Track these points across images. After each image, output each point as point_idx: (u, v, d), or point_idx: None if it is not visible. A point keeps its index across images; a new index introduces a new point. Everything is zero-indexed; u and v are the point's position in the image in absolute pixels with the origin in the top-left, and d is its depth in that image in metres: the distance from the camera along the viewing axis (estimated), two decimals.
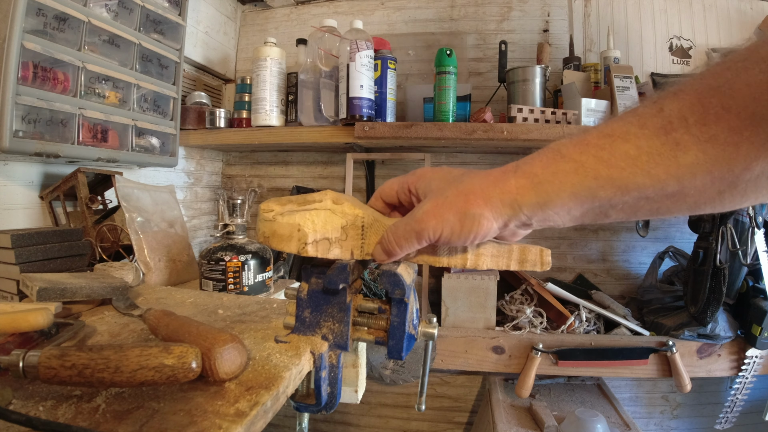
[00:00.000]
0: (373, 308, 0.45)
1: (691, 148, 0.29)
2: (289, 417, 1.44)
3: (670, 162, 0.30)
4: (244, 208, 0.97)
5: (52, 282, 0.60)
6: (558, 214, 0.34)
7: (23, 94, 0.76)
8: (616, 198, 0.32)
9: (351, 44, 1.12)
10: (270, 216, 0.42)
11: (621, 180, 0.31)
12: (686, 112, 0.29)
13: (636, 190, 0.31)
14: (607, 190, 0.32)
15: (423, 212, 0.38)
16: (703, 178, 0.30)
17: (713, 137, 0.28)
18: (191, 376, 0.35)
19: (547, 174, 0.33)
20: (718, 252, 1.03)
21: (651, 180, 0.30)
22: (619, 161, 0.31)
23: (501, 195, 0.35)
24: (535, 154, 0.35)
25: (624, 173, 0.31)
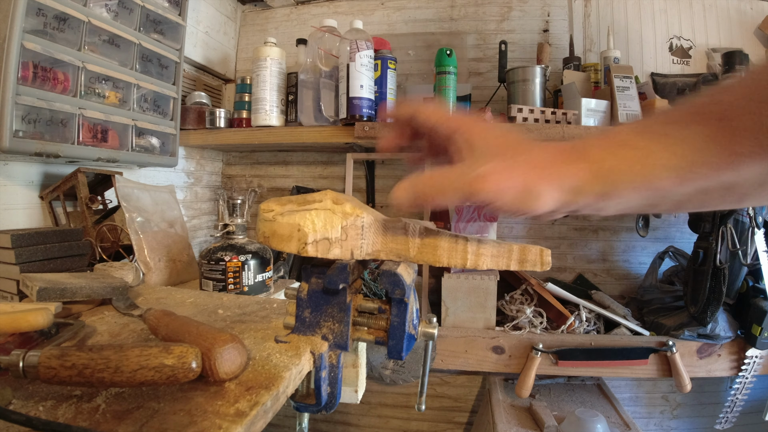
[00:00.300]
0: (373, 308, 0.45)
1: (745, 134, 0.29)
2: (289, 417, 1.44)
3: (728, 151, 0.29)
4: (244, 208, 0.97)
5: (52, 282, 0.60)
6: (613, 204, 0.33)
7: (23, 94, 0.76)
8: (675, 189, 0.31)
9: (351, 44, 1.12)
10: (270, 216, 0.41)
11: (683, 170, 0.30)
12: (740, 101, 0.29)
13: (694, 182, 0.31)
14: (669, 180, 0.31)
15: (483, 171, 0.32)
16: (758, 167, 0.29)
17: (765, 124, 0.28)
18: (191, 376, 0.35)
19: (613, 161, 0.31)
20: (718, 252, 1.03)
21: (710, 169, 0.30)
22: (683, 149, 0.30)
23: (566, 178, 0.32)
24: (593, 139, 0.33)
25: (685, 162, 0.30)
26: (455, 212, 1.14)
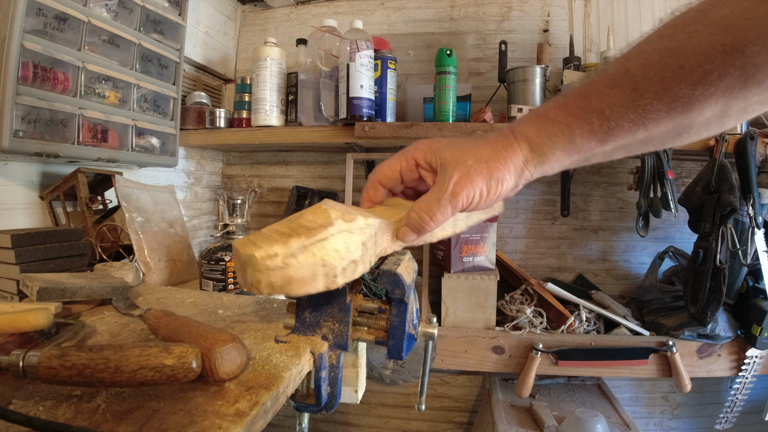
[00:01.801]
0: (373, 308, 0.45)
1: (655, 101, 0.35)
2: (289, 417, 1.44)
3: (639, 115, 0.36)
4: (244, 208, 0.97)
5: (52, 282, 0.60)
6: (552, 167, 0.41)
7: (23, 94, 0.76)
8: (598, 148, 0.39)
9: (351, 44, 1.12)
10: (278, 262, 0.33)
11: (600, 134, 0.37)
12: (649, 72, 0.34)
13: (613, 141, 0.38)
14: (590, 143, 0.38)
15: (454, 183, 0.40)
16: (665, 125, 0.36)
17: (673, 92, 0.34)
18: (191, 376, 0.35)
19: (542, 138, 0.40)
20: (718, 252, 1.03)
21: (624, 131, 0.37)
22: (597, 119, 0.37)
23: (514, 160, 0.40)
24: (526, 119, 0.41)
25: (602, 129, 0.37)
26: None
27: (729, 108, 0.35)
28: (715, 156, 1.09)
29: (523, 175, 0.41)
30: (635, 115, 0.35)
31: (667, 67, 0.34)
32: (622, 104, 0.36)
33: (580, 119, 0.38)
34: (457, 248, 1.17)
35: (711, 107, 0.34)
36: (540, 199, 1.45)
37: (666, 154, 1.11)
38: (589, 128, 0.37)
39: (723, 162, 1.06)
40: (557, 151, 0.39)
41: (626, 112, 0.36)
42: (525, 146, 0.40)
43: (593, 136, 0.38)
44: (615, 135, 0.37)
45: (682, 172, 1.41)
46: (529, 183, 0.43)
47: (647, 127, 0.36)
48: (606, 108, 0.36)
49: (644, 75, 0.34)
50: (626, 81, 0.35)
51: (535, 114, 0.41)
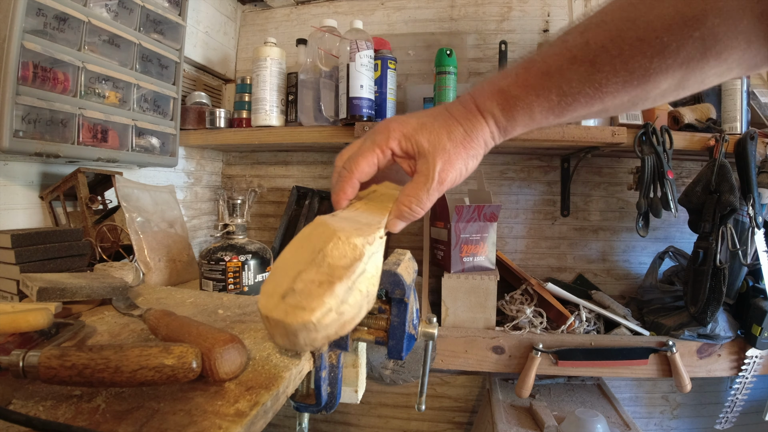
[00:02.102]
0: (373, 308, 0.45)
1: (612, 75, 0.35)
2: (289, 417, 1.44)
3: (595, 91, 0.36)
4: (244, 208, 0.97)
5: (52, 282, 0.60)
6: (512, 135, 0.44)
7: (23, 94, 0.76)
8: (554, 121, 0.41)
9: (351, 44, 1.12)
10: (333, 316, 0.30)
11: (558, 110, 0.39)
12: (608, 44, 0.35)
13: (569, 114, 0.39)
14: (548, 118, 0.40)
15: (439, 171, 0.42)
16: (621, 98, 0.37)
17: (630, 65, 0.34)
18: (191, 376, 0.35)
19: (507, 117, 0.41)
20: (718, 252, 1.03)
21: (581, 106, 0.38)
22: (556, 96, 0.38)
23: (484, 137, 0.43)
24: (488, 93, 0.42)
25: (560, 105, 0.38)
26: (455, 212, 1.14)
27: (686, 80, 0.35)
28: (715, 156, 1.09)
29: (488, 147, 0.44)
30: (592, 90, 0.36)
31: (625, 40, 0.33)
32: (580, 79, 0.36)
33: (540, 97, 0.39)
34: (457, 248, 1.17)
35: (668, 79, 0.34)
36: (540, 199, 1.45)
37: (666, 155, 1.11)
38: (548, 105, 0.39)
39: (723, 162, 1.06)
40: (518, 127, 0.42)
41: (583, 87, 0.36)
42: (492, 123, 0.42)
43: (551, 113, 0.39)
44: (572, 109, 0.38)
45: (682, 172, 1.41)
46: (529, 183, 0.45)
47: (603, 100, 0.37)
48: (565, 84, 0.37)
49: (603, 48, 0.35)
50: (586, 54, 0.36)
51: (497, 89, 0.41)
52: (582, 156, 1.31)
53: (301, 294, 0.30)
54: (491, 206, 1.17)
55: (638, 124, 1.14)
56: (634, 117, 1.16)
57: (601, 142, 1.12)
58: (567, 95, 0.37)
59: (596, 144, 1.16)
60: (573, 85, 0.37)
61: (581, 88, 0.36)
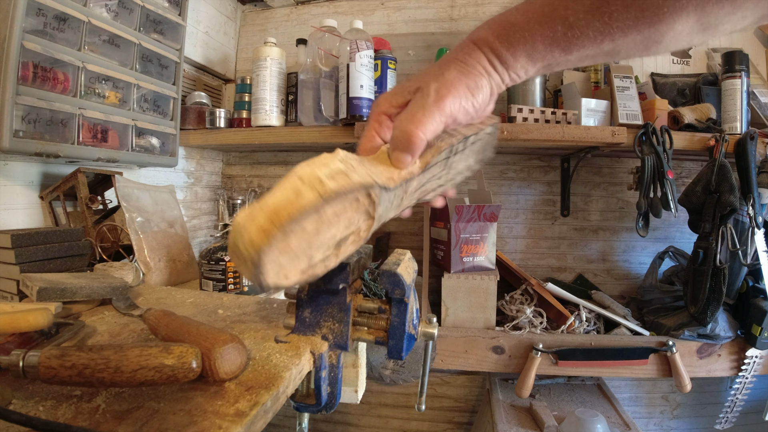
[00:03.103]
0: (373, 308, 0.45)
1: (622, 11, 0.34)
2: (289, 417, 1.44)
3: (605, 25, 0.34)
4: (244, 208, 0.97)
5: (52, 282, 0.60)
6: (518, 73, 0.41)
7: (23, 94, 0.76)
8: (561, 57, 0.38)
9: (351, 44, 1.12)
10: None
11: (564, 43, 0.37)
12: None
13: (577, 51, 0.37)
14: (553, 51, 0.38)
15: (435, 90, 0.38)
16: (633, 38, 0.35)
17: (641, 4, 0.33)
18: (191, 376, 0.35)
19: (503, 43, 0.39)
20: (718, 252, 1.03)
21: (589, 41, 0.36)
22: (561, 26, 0.36)
23: (482, 63, 0.40)
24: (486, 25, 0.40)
25: (565, 37, 0.36)
26: (455, 212, 1.14)
27: (700, 24, 0.33)
28: (715, 156, 1.09)
29: (494, 79, 0.40)
30: (601, 24, 0.34)
31: None
32: (588, 11, 0.34)
33: (542, 25, 0.37)
34: (457, 248, 1.17)
35: (682, 21, 0.33)
36: (540, 199, 1.45)
37: (666, 154, 1.11)
38: (552, 35, 0.36)
39: (723, 162, 1.06)
40: (520, 57, 0.39)
41: (591, 20, 0.35)
42: (488, 51, 0.39)
43: (556, 45, 0.37)
44: (579, 44, 0.36)
45: (682, 172, 1.41)
46: (529, 183, 0.43)
47: (614, 37, 0.35)
48: (570, 15, 0.35)
49: None
50: None
51: (495, 21, 0.40)
52: (582, 156, 1.31)
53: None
54: (491, 206, 1.17)
55: (638, 124, 1.14)
56: (634, 117, 1.16)
57: (601, 142, 1.12)
58: (573, 27, 0.35)
59: (596, 144, 1.16)
60: (580, 17, 0.35)
61: (589, 21, 0.35)
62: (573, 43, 0.36)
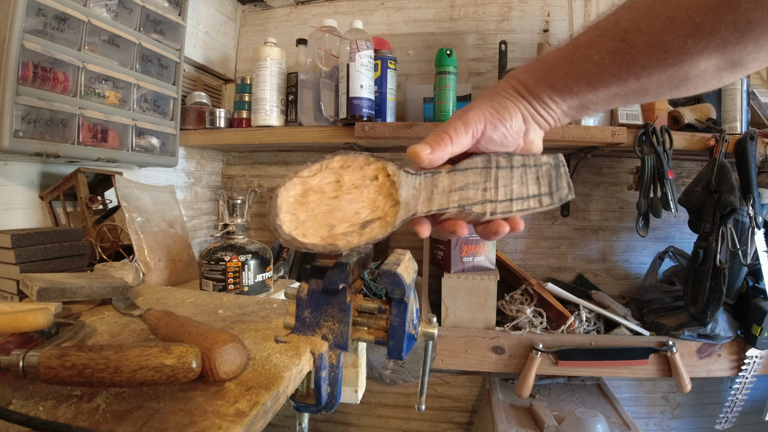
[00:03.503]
0: (373, 308, 0.45)
1: (644, 51, 0.35)
2: (289, 417, 1.44)
3: (628, 63, 0.36)
4: (244, 208, 0.97)
5: (52, 282, 0.60)
6: (548, 102, 0.41)
7: (23, 94, 0.76)
8: (590, 93, 0.39)
9: (351, 44, 1.12)
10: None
11: (588, 77, 0.38)
12: (639, 22, 0.35)
13: (604, 88, 0.38)
14: (580, 85, 0.39)
15: (458, 111, 0.42)
16: (658, 76, 0.36)
17: (663, 44, 0.34)
18: (191, 376, 0.35)
19: (529, 74, 0.41)
20: (718, 252, 1.03)
21: (614, 79, 0.37)
22: (585, 63, 0.38)
23: (507, 90, 0.42)
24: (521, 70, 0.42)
25: (590, 73, 0.38)
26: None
27: (726, 63, 0.34)
28: (715, 156, 1.09)
29: (521, 104, 0.41)
30: (624, 63, 0.36)
31: (657, 18, 0.34)
32: (611, 52, 0.36)
33: (567, 60, 0.39)
34: (457, 248, 1.17)
35: (704, 60, 0.34)
36: None
37: (666, 154, 1.11)
38: (576, 70, 0.38)
39: (723, 162, 1.06)
40: (544, 86, 0.40)
41: (614, 58, 0.36)
42: (513, 80, 0.42)
43: (582, 80, 0.38)
44: (605, 81, 0.37)
45: (682, 172, 1.41)
46: None
47: (638, 76, 0.36)
48: (594, 54, 0.37)
49: (635, 25, 0.35)
50: (616, 31, 0.36)
51: (526, 63, 0.43)
52: (582, 156, 1.31)
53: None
54: None
55: (638, 124, 1.14)
56: (634, 117, 1.16)
57: (601, 142, 1.12)
58: (598, 65, 0.37)
59: (596, 144, 1.16)
60: (603, 56, 0.36)
61: (612, 60, 0.36)
62: (599, 79, 0.38)
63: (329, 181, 0.38)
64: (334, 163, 0.38)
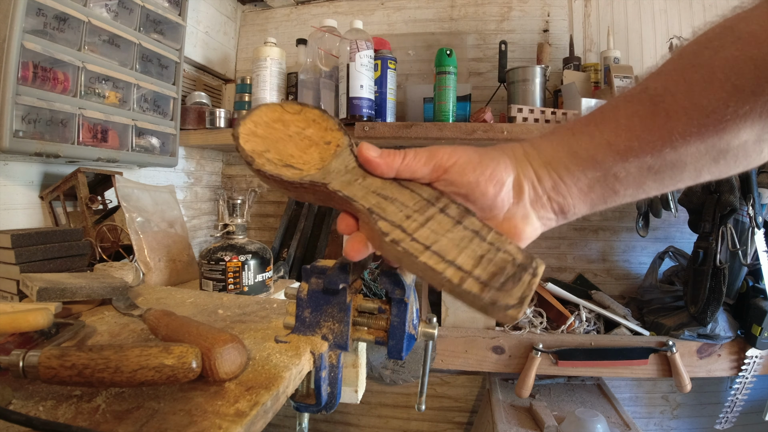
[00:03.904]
0: (373, 308, 0.45)
1: (681, 116, 0.30)
2: (289, 417, 1.44)
3: (662, 129, 0.31)
4: (244, 208, 0.97)
5: (52, 282, 0.60)
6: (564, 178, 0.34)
7: (23, 94, 0.76)
8: (617, 165, 0.32)
9: (351, 44, 1.12)
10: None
11: (616, 144, 0.32)
12: (671, 87, 0.31)
13: (634, 157, 0.32)
14: (604, 152, 0.32)
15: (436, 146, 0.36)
16: (696, 146, 0.31)
17: (701, 107, 0.30)
18: (191, 376, 0.35)
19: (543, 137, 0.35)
20: (718, 252, 1.03)
21: (646, 145, 0.31)
22: (612, 127, 0.32)
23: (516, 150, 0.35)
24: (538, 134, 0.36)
25: (618, 138, 0.32)
26: None
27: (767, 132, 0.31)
28: None
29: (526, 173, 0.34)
30: (658, 128, 0.31)
31: (692, 81, 0.30)
32: (641, 115, 0.31)
33: (589, 124, 0.33)
34: None
35: (747, 129, 0.30)
36: None
37: None
38: (600, 134, 0.32)
39: None
40: (563, 152, 0.33)
41: (647, 123, 0.31)
42: (526, 143, 0.36)
43: (608, 146, 0.32)
44: (636, 150, 0.32)
45: None
46: None
47: (674, 144, 0.31)
48: (622, 117, 0.32)
49: (666, 89, 0.31)
50: (645, 96, 0.32)
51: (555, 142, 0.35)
52: None
53: None
54: None
55: None
56: None
57: None
58: (627, 130, 0.32)
59: None
60: (633, 120, 0.31)
61: (644, 124, 0.31)
62: (629, 146, 0.32)
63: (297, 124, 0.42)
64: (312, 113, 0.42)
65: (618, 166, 0.32)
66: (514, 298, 0.30)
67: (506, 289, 0.30)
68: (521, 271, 0.32)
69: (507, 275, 0.31)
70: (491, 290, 0.30)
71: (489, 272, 0.31)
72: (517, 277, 0.31)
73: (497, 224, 0.35)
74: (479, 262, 0.32)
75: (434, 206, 0.35)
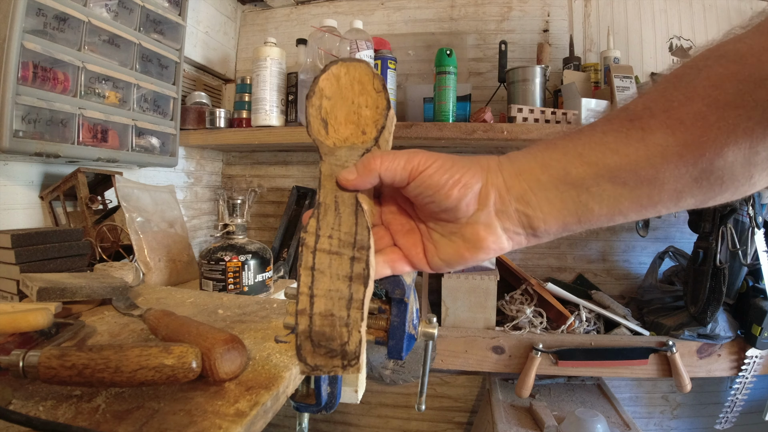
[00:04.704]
0: (373, 308, 0.45)
1: (658, 130, 0.29)
2: (289, 417, 1.44)
3: (638, 143, 0.30)
4: (244, 208, 0.97)
5: (52, 282, 0.60)
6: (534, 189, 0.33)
7: (23, 94, 0.76)
8: (590, 178, 0.31)
9: (351, 44, 1.12)
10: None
11: (588, 155, 0.31)
12: (650, 104, 0.30)
13: (606, 170, 0.31)
14: (576, 164, 0.32)
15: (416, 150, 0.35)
16: (676, 163, 0.30)
17: (679, 120, 0.29)
18: (191, 376, 0.35)
19: (516, 153, 0.35)
20: (718, 252, 1.03)
21: (622, 159, 0.30)
22: (588, 141, 0.32)
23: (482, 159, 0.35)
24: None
25: (591, 151, 0.31)
26: None
27: (755, 154, 0.29)
28: None
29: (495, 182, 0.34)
30: (634, 142, 0.30)
31: (671, 99, 0.30)
32: (617, 130, 0.31)
33: (565, 138, 0.33)
34: None
35: (731, 147, 0.29)
36: None
37: None
38: (573, 147, 0.32)
39: None
40: (535, 164, 0.33)
41: (620, 138, 0.31)
42: (500, 155, 0.35)
43: (580, 158, 0.32)
44: (609, 163, 0.31)
45: None
46: None
47: (650, 158, 0.30)
48: (598, 133, 0.32)
49: (645, 107, 0.30)
50: (624, 114, 0.31)
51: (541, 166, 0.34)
52: None
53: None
54: None
55: None
56: None
57: None
58: (601, 143, 0.31)
59: None
60: (608, 133, 0.31)
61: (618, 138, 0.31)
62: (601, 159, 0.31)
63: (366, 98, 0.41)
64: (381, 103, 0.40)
65: (590, 179, 0.32)
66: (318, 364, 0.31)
67: (319, 354, 0.31)
68: (340, 356, 0.31)
69: (328, 348, 0.31)
70: (311, 353, 0.31)
71: (321, 332, 0.31)
72: (334, 354, 0.31)
73: (459, 229, 0.35)
74: (325, 318, 0.32)
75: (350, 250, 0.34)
